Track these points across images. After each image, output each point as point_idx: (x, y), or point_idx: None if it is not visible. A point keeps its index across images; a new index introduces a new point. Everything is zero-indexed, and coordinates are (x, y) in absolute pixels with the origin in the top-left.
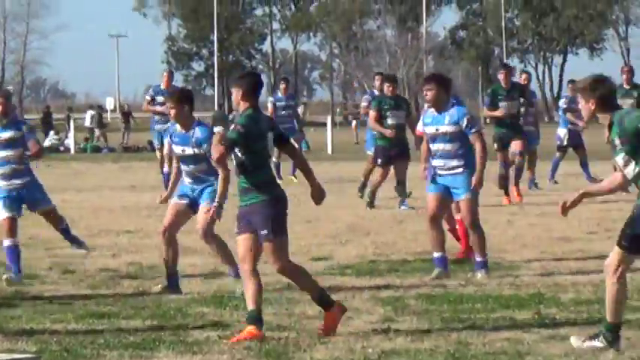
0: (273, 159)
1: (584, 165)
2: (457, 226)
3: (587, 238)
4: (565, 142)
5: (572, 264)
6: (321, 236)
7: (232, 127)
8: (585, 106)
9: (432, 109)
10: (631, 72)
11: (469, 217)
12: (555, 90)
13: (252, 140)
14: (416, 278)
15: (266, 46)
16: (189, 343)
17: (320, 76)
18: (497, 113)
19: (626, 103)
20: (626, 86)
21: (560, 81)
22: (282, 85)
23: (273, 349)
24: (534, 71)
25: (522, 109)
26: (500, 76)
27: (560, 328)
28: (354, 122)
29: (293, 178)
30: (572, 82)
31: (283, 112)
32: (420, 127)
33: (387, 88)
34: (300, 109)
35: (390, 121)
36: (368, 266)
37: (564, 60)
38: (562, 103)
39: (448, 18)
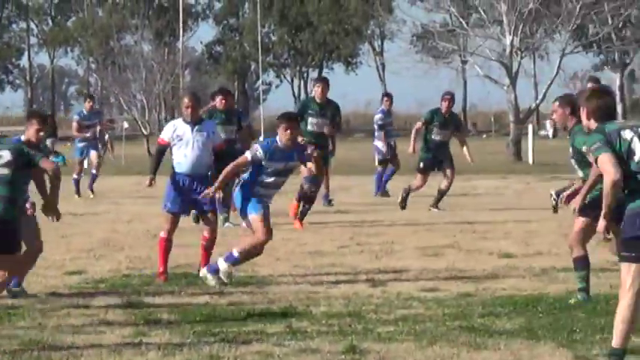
0: (74, 175)
1: (387, 176)
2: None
3: (339, 252)
4: (388, 155)
5: (324, 277)
6: (75, 251)
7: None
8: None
9: None
10: (452, 100)
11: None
12: None
13: None
14: (168, 292)
15: (23, 61)
16: None
17: (77, 91)
18: None
19: (439, 133)
20: (444, 114)
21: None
22: (88, 103)
23: None
24: (290, 86)
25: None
26: (317, 90)
27: (311, 341)
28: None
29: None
30: (387, 95)
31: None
32: None
33: (219, 102)
34: None
35: (223, 136)
36: (121, 280)
37: (320, 74)
38: (377, 119)
39: (205, 33)
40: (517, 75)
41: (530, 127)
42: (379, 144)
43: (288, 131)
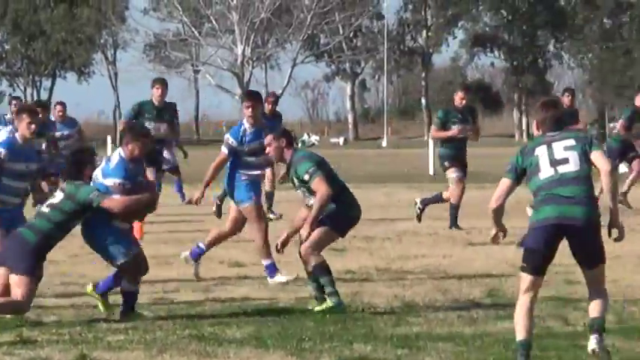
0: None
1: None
2: None
3: (71, 261)
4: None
5: (56, 288)
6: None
7: None
8: None
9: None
10: (276, 102)
11: None
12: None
13: None
14: None
15: None
16: None
17: None
18: None
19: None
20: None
21: (49, 104)
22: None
23: None
24: (24, 95)
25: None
26: (156, 92)
27: (41, 350)
28: None
29: None
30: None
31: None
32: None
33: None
34: None
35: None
36: None
37: (53, 83)
38: None
39: None
40: (248, 84)
41: None
42: None
43: (250, 109)
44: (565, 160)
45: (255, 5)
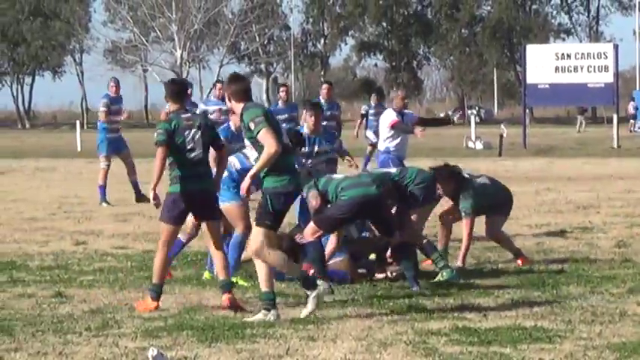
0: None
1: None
2: None
3: (50, 218)
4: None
5: (38, 238)
6: None
7: None
8: None
9: None
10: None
11: None
12: (27, 104)
13: None
14: None
15: None
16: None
17: None
18: None
19: None
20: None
21: (30, 97)
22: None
23: None
24: (10, 90)
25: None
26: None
27: (28, 288)
28: None
29: None
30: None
31: None
32: None
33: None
34: None
35: None
36: None
37: (33, 80)
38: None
39: None
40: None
41: None
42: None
43: (312, 118)
44: None
45: (190, 18)
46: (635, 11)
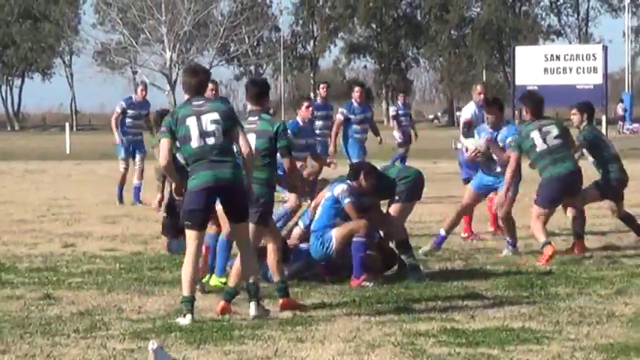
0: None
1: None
2: None
3: (38, 220)
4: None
5: (27, 240)
6: None
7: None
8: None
9: None
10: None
11: None
12: (16, 106)
13: None
14: None
15: None
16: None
17: None
18: None
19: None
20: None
21: (20, 99)
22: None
23: None
24: None
25: None
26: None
27: (17, 290)
28: None
29: None
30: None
31: None
32: None
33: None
34: None
35: None
36: None
37: (22, 82)
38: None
39: None
40: (176, 82)
41: None
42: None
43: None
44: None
45: (180, 20)
46: (625, 13)
